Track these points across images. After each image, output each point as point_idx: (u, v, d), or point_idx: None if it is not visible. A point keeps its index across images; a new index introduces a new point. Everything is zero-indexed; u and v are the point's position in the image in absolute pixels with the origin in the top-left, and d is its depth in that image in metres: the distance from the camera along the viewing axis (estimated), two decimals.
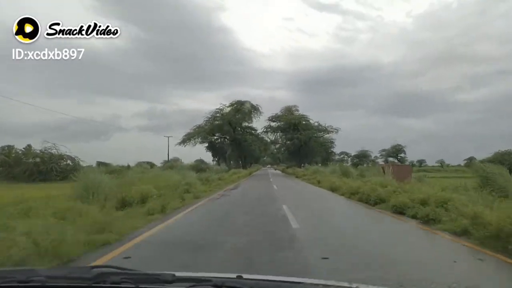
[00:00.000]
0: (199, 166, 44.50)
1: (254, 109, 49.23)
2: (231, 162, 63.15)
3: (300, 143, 54.41)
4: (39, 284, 1.26)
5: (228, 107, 48.63)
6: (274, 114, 57.90)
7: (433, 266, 4.33)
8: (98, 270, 1.36)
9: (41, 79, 75.72)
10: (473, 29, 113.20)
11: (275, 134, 61.89)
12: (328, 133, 58.48)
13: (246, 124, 53.27)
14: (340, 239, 6.04)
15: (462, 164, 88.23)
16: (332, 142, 66.45)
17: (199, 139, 47.69)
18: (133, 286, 1.22)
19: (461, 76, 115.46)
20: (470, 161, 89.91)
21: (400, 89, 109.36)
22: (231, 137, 50.48)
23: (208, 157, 67.91)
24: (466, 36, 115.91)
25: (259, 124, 55.96)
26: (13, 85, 64.88)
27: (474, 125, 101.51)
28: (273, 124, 59.10)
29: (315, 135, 58.26)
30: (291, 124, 55.48)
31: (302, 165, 58.03)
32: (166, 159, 60.31)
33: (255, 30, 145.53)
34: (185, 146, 47.59)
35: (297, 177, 37.58)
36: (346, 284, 1.25)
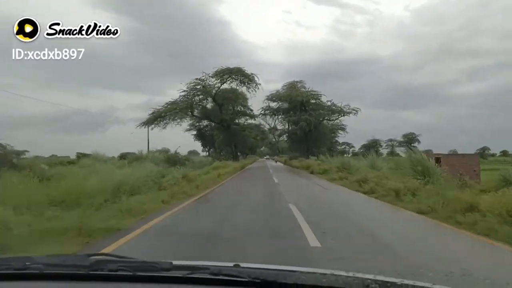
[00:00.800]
0: (174, 158, 31.32)
1: (248, 79, 35.92)
2: (222, 152, 50.40)
3: (309, 128, 41.44)
4: (36, 271, 1.24)
5: (212, 77, 35.34)
6: (274, 92, 44.74)
7: None
8: (95, 258, 1.35)
9: (39, 72, 71.07)
10: (473, 23, 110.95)
11: (276, 117, 48.91)
12: (343, 115, 45.38)
13: (239, 107, 40.33)
14: None
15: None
16: (343, 129, 52.57)
17: (171, 120, 34.42)
18: (130, 273, 1.21)
19: (459, 70, 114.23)
20: (483, 151, 79.88)
21: (398, 82, 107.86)
22: (217, 118, 37.38)
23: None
24: (466, 30, 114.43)
25: (256, 103, 43.01)
26: (10, 77, 61.02)
27: (472, 118, 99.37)
28: (273, 104, 46.04)
29: (328, 117, 45.32)
30: (297, 103, 42.36)
31: (311, 155, 45.32)
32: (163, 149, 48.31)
33: (253, 23, 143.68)
34: (152, 128, 34.47)
35: (312, 173, 24.77)
36: (343, 273, 1.22)
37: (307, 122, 40.39)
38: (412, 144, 76.99)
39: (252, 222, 6.52)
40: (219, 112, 36.74)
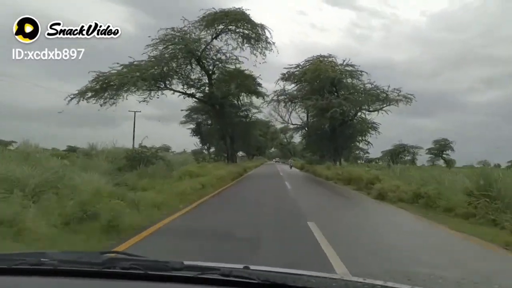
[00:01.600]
0: (138, 155, 18.19)
1: (256, 34, 22.60)
2: (216, 147, 37.43)
3: (342, 118, 28.06)
4: (50, 267, 1.25)
5: (198, 27, 22.16)
6: (293, 66, 30.93)
7: None
8: (108, 255, 1.38)
9: (52, 66, 63.85)
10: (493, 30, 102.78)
11: (293, 105, 35.40)
12: (389, 104, 31.38)
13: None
14: None
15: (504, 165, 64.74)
16: (375, 128, 36.20)
17: (124, 91, 21.24)
18: (142, 272, 1.21)
19: (476, 78, 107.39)
20: None
21: (413, 88, 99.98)
22: (205, 95, 24.17)
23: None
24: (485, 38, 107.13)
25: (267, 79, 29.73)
26: (24, 68, 54.66)
27: (488, 126, 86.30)
28: (289, 87, 32.52)
29: (367, 105, 31.55)
30: (327, 81, 28.77)
31: (337, 159, 31.81)
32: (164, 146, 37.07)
33: (267, 23, 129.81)
34: (101, 104, 21.24)
35: (383, 199, 11.17)
36: (353, 278, 1.24)
37: (341, 110, 26.81)
38: (444, 152, 61.91)
39: None
40: (208, 85, 23.54)
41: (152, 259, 1.39)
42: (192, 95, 24.45)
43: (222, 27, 22.02)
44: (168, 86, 23.17)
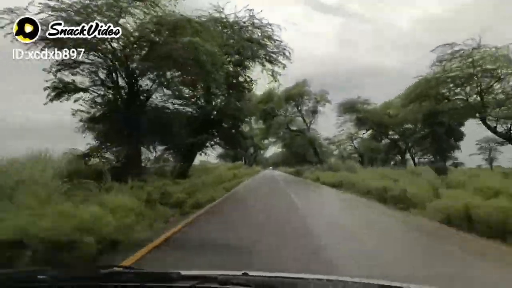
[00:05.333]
0: None
1: None
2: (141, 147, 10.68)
3: None
4: (45, 284, 1.24)
5: None
6: None
7: None
8: (105, 270, 1.34)
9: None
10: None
11: None
12: None
13: None
14: None
15: None
16: None
17: None
18: (138, 284, 1.23)
19: None
20: None
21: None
22: None
23: None
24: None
25: None
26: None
27: None
28: None
29: None
30: None
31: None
32: None
33: None
34: None
35: None
36: (348, 279, 1.27)
37: None
38: None
39: None
40: None
41: (149, 270, 1.34)
42: None
43: None
44: None
